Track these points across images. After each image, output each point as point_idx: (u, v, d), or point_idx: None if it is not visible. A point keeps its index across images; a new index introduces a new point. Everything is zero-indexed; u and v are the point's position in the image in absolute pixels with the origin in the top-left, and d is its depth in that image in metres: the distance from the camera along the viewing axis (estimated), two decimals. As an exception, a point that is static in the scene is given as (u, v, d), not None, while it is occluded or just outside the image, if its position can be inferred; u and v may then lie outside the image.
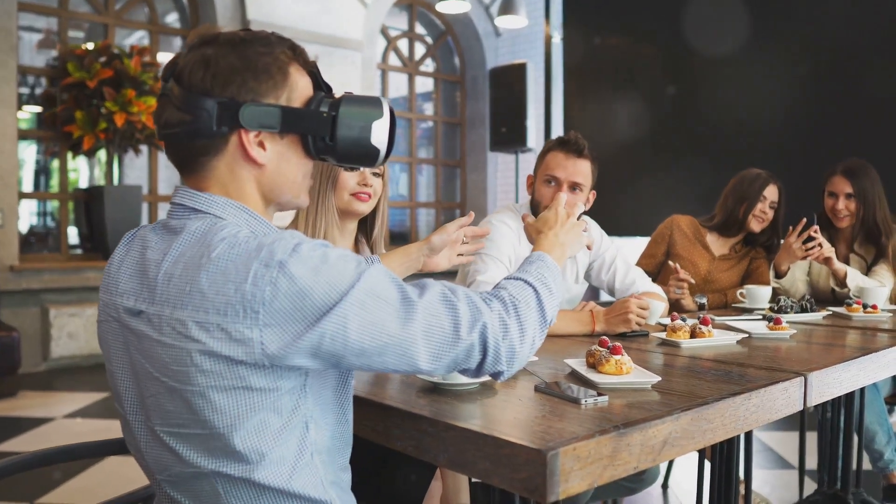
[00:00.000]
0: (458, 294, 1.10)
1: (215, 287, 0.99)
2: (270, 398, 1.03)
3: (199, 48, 1.10)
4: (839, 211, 2.97)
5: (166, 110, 1.10)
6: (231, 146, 1.10)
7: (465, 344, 1.07)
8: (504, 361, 1.11)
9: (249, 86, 1.09)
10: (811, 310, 2.49)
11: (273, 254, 0.98)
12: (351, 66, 7.32)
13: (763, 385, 1.41)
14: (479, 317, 1.08)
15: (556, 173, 2.35)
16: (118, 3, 6.51)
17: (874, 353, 1.79)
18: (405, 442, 1.22)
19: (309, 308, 0.98)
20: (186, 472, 1.07)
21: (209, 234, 1.04)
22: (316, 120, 1.14)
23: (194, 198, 1.11)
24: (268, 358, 0.99)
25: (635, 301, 2.04)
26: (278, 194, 1.16)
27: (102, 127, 5.74)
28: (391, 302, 1.03)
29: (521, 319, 1.14)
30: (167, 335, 1.02)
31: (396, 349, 1.03)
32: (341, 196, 1.96)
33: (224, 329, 0.98)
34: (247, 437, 1.03)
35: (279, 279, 0.97)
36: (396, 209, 9.07)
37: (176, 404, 1.04)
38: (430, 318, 1.05)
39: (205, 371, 1.00)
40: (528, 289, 1.20)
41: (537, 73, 7.19)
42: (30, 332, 5.66)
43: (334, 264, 1.01)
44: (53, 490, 3.22)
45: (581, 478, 1.03)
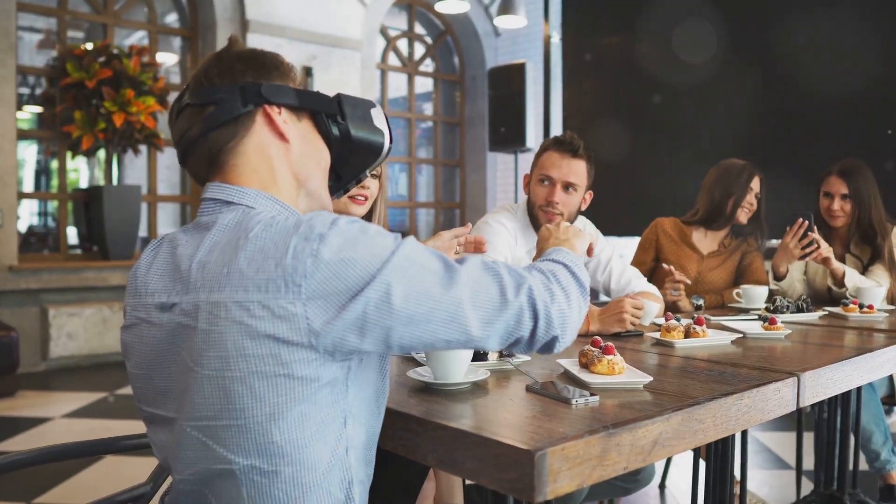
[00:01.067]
0: (498, 263, 1.11)
1: (255, 265, 0.99)
2: (311, 389, 1.01)
3: (209, 60, 1.19)
4: (834, 212, 2.97)
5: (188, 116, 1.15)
6: (257, 125, 1.15)
7: (514, 307, 1.07)
8: (556, 325, 1.11)
9: (262, 73, 1.17)
10: (807, 310, 2.48)
11: (312, 227, 1.00)
12: (350, 65, 7.33)
13: (755, 385, 1.41)
14: (524, 281, 1.09)
15: (551, 173, 2.35)
16: (117, 3, 6.51)
17: (868, 353, 1.79)
18: (395, 442, 1.22)
19: (352, 277, 0.98)
20: (214, 469, 1.04)
21: (245, 220, 1.06)
22: (325, 100, 1.23)
23: (225, 190, 1.13)
24: (314, 335, 0.98)
25: (630, 301, 2.04)
26: (307, 176, 1.20)
27: (101, 127, 5.74)
28: (433, 268, 1.04)
29: (563, 285, 1.15)
30: (204, 321, 1.00)
31: (444, 314, 1.02)
32: (338, 199, 1.96)
33: (266, 306, 0.97)
34: (285, 429, 1.01)
35: (320, 250, 0.98)
36: (396, 209, 9.07)
37: (209, 394, 1.01)
38: (474, 284, 1.05)
39: (246, 356, 0.98)
40: (559, 265, 1.23)
41: (536, 73, 7.18)
42: (29, 331, 5.67)
43: (373, 236, 1.02)
44: (51, 489, 3.22)
45: (570, 478, 1.03)
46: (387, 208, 2.12)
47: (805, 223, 2.77)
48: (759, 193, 3.01)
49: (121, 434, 1.46)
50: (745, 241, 3.09)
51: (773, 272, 2.96)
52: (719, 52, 5.01)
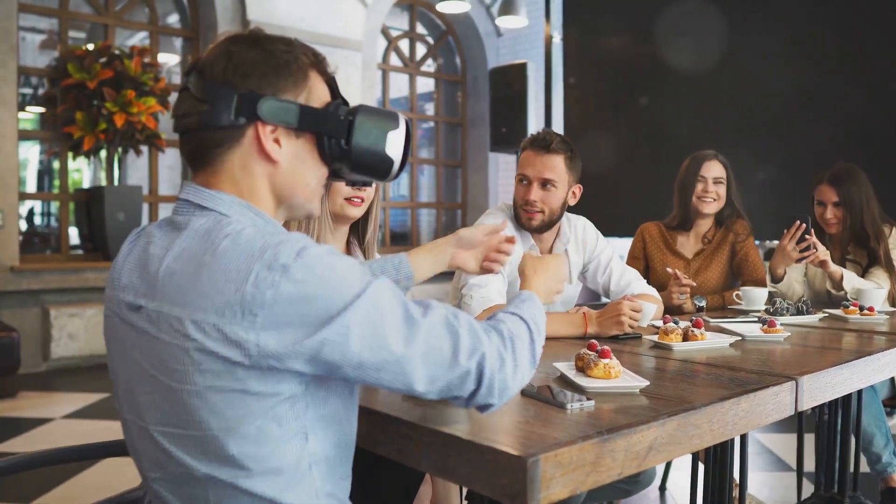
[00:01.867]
0: (460, 320, 1.08)
1: (216, 286, 0.97)
2: (268, 404, 1.01)
3: (223, 45, 1.12)
4: (828, 220, 2.96)
5: (185, 102, 1.10)
6: (246, 139, 1.10)
7: (461, 370, 1.05)
8: (496, 394, 1.08)
9: (269, 80, 1.09)
10: (807, 312, 2.47)
11: (277, 256, 0.97)
12: (351, 66, 7.32)
13: (753, 389, 1.40)
14: (479, 346, 1.06)
15: (526, 171, 2.35)
16: (118, 3, 6.51)
17: (867, 357, 1.78)
18: (388, 446, 1.21)
19: (311, 315, 0.97)
20: (178, 473, 1.06)
21: (213, 231, 1.03)
22: (333, 121, 1.14)
23: (200, 194, 1.10)
24: (264, 358, 0.97)
25: (628, 303, 2.03)
26: (290, 195, 1.15)
27: (102, 127, 5.75)
28: (395, 318, 1.01)
29: (516, 355, 1.12)
30: (165, 332, 1.01)
31: (395, 367, 1.01)
32: (335, 201, 1.96)
33: (220, 330, 0.97)
34: (242, 443, 1.01)
35: (282, 283, 0.96)
36: (398, 209, 9.07)
37: (172, 404, 1.02)
38: (431, 340, 1.03)
39: (203, 371, 0.99)
40: (524, 326, 1.19)
41: (538, 73, 7.17)
42: (30, 332, 5.67)
43: (341, 273, 0.99)
44: (51, 490, 3.22)
45: (563, 484, 1.02)
46: (379, 210, 2.11)
47: (802, 226, 2.75)
48: (719, 177, 2.96)
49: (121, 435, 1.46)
50: (730, 231, 3.02)
51: (771, 274, 2.94)
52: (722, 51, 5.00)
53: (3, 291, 5.57)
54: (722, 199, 2.98)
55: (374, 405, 1.26)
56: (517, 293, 1.34)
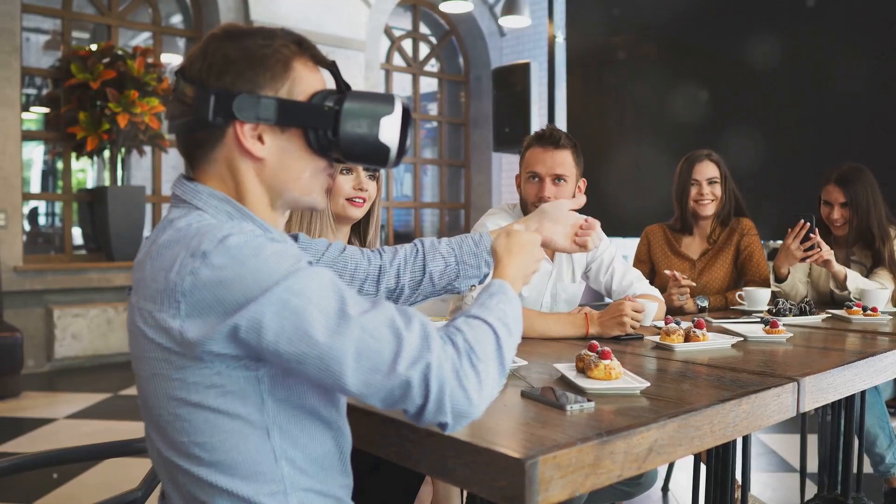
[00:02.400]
0: (412, 323, 1.00)
1: (152, 274, 1.01)
2: (211, 395, 1.00)
3: (204, 43, 1.10)
4: (834, 220, 2.94)
5: (173, 104, 1.11)
6: (228, 138, 1.08)
7: (399, 379, 0.96)
8: (448, 412, 0.99)
9: (245, 76, 1.06)
10: (810, 312, 2.46)
11: (200, 244, 0.98)
12: (354, 66, 7.32)
13: (754, 391, 1.39)
14: (426, 354, 0.97)
15: (537, 168, 2.33)
16: (122, 4, 6.52)
17: (870, 358, 1.77)
18: (387, 448, 1.20)
19: (227, 299, 0.96)
20: (158, 457, 1.09)
21: (170, 223, 1.06)
22: (316, 114, 1.09)
23: (182, 187, 1.11)
24: (187, 346, 0.98)
25: (629, 303, 2.02)
26: (282, 190, 1.12)
27: (105, 128, 5.76)
28: (322, 309, 0.96)
29: (475, 368, 1.01)
30: (129, 319, 1.07)
31: (318, 362, 0.96)
32: (336, 201, 1.96)
33: (153, 316, 1.00)
34: (191, 431, 1.02)
35: (200, 269, 0.96)
36: (401, 209, 9.07)
37: (140, 389, 1.08)
38: (367, 339, 0.96)
39: (148, 357, 1.02)
40: (488, 331, 1.07)
41: (541, 73, 7.16)
42: (33, 332, 5.68)
43: (266, 258, 0.97)
44: (53, 490, 3.22)
45: (562, 487, 1.02)
46: (381, 209, 2.11)
47: (807, 225, 2.74)
48: (714, 178, 2.95)
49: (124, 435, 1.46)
50: (735, 230, 3.01)
51: (775, 274, 2.93)
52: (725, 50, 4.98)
53: (7, 292, 5.57)
54: (719, 199, 2.97)
55: (374, 407, 1.25)
56: (486, 286, 1.19)
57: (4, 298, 5.54)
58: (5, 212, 5.60)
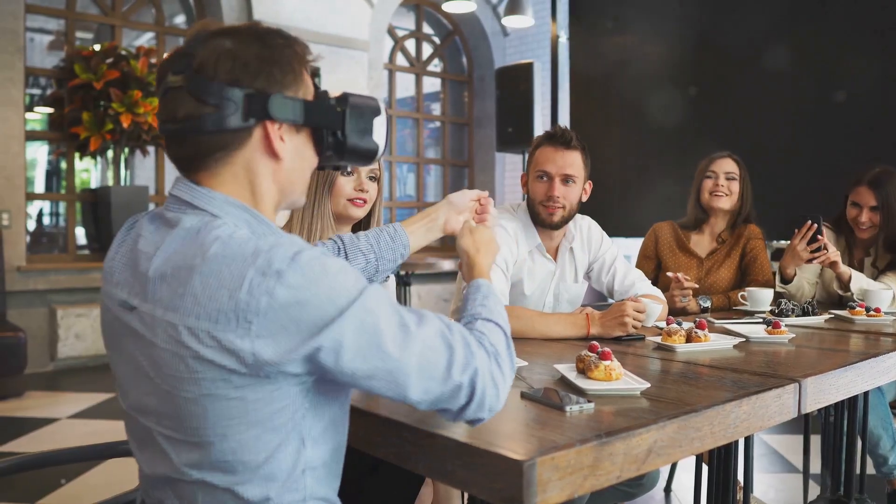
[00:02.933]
0: (454, 333, 1.06)
1: (208, 292, 0.95)
2: (266, 413, 1.00)
3: (217, 39, 1.06)
4: (862, 223, 2.89)
5: (183, 104, 1.04)
6: (255, 139, 1.07)
7: (454, 384, 1.03)
8: (486, 409, 1.06)
9: (276, 77, 1.07)
10: (813, 313, 2.45)
11: (271, 262, 0.95)
12: (357, 66, 7.32)
13: (755, 392, 1.39)
14: (473, 361, 1.05)
15: (547, 168, 2.33)
16: (125, 4, 6.52)
17: (872, 359, 1.76)
18: (387, 449, 1.20)
19: (306, 321, 0.95)
20: (172, 475, 1.05)
21: (203, 233, 1.00)
22: (331, 114, 1.14)
23: (193, 192, 1.07)
24: (260, 366, 0.96)
25: (631, 304, 2.01)
26: (290, 191, 1.14)
27: (109, 128, 5.76)
28: (390, 325, 1.00)
29: (502, 369, 1.10)
30: (160, 338, 0.99)
31: (388, 376, 1.00)
32: (338, 202, 1.96)
33: (215, 337, 0.95)
34: (238, 450, 1.01)
35: (276, 289, 0.93)
36: (404, 209, 9.07)
37: (168, 407, 1.01)
38: (426, 352, 1.02)
39: (199, 379, 0.97)
40: (500, 333, 1.16)
41: (544, 73, 7.16)
42: (37, 332, 5.69)
43: (335, 276, 0.97)
44: (55, 491, 3.23)
45: (560, 488, 1.01)
46: (382, 209, 2.11)
47: (814, 226, 2.72)
48: (732, 173, 2.94)
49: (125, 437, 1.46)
50: (743, 234, 3.00)
51: (781, 274, 2.92)
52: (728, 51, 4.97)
53: (11, 291, 5.58)
54: (735, 196, 2.95)
55: (374, 408, 1.25)
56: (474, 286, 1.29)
57: (8, 298, 5.55)
58: (9, 212, 5.61)
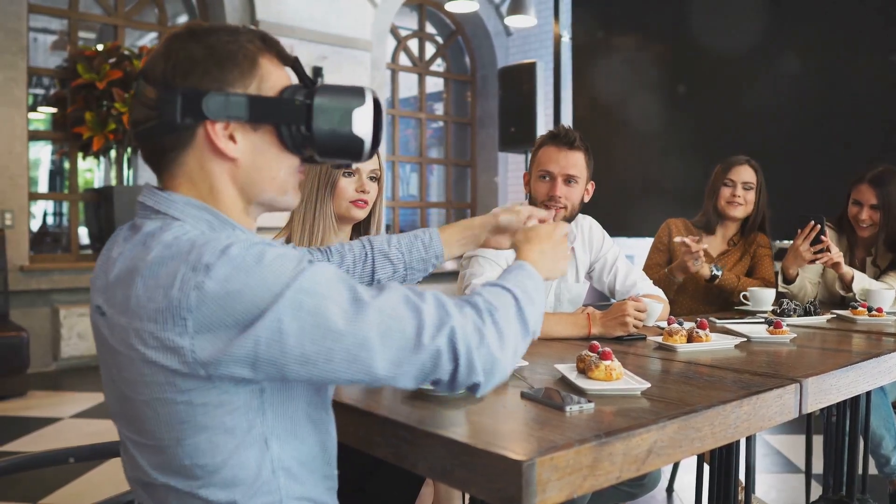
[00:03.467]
0: (424, 297, 1.01)
1: (148, 293, 0.95)
2: (216, 416, 0.98)
3: (165, 43, 1.06)
4: (862, 221, 2.91)
5: (136, 109, 1.06)
6: (198, 140, 1.04)
7: (429, 350, 0.98)
8: (480, 371, 1.01)
9: (213, 74, 1.03)
10: (815, 313, 2.45)
11: (201, 256, 0.94)
12: (360, 66, 7.32)
13: (756, 392, 1.38)
14: (447, 320, 0.99)
15: (550, 168, 2.32)
16: (128, 4, 6.53)
17: (874, 359, 1.76)
18: (385, 449, 1.20)
19: (239, 312, 0.92)
20: (144, 479, 1.06)
21: (152, 238, 1.00)
22: (288, 109, 1.06)
23: (155, 197, 1.06)
24: (202, 366, 0.94)
25: (632, 304, 2.01)
26: (258, 191, 1.09)
27: (112, 128, 5.77)
28: (337, 301, 0.95)
29: (498, 326, 1.04)
30: (117, 341, 0.99)
31: (345, 354, 0.94)
32: (340, 203, 1.96)
33: (157, 337, 0.94)
34: (193, 454, 1.00)
35: (205, 283, 0.92)
36: (407, 209, 9.07)
37: (129, 411, 1.02)
38: (387, 320, 0.96)
39: (147, 382, 0.97)
40: (506, 294, 1.10)
41: (547, 73, 7.16)
42: (40, 332, 5.70)
43: (269, 264, 0.94)
44: (59, 489, 3.23)
45: (559, 488, 1.01)
46: (383, 209, 2.11)
47: (817, 227, 2.72)
48: (749, 182, 2.94)
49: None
50: (753, 242, 3.02)
51: (783, 274, 2.91)
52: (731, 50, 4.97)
53: (13, 291, 5.59)
54: (750, 205, 2.96)
55: (373, 408, 1.25)
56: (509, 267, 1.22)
57: (11, 298, 5.56)
58: (12, 212, 5.61)
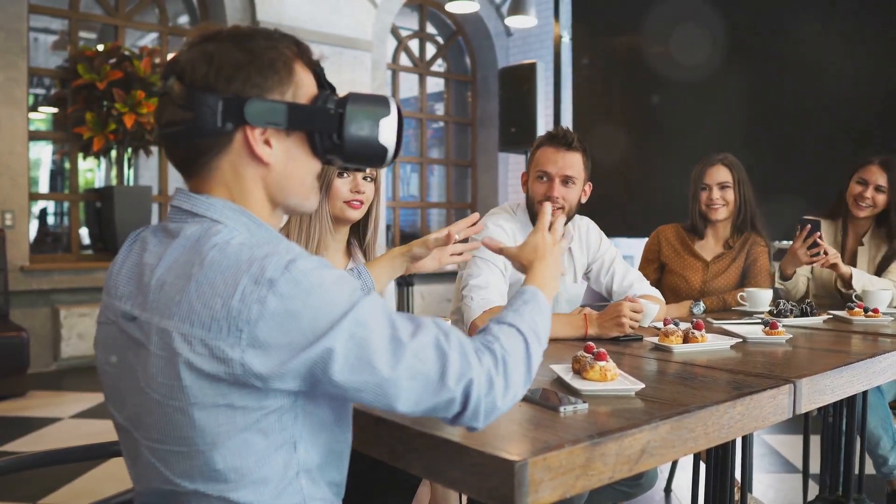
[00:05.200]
0: (451, 341, 1.03)
1: (203, 299, 0.95)
2: (254, 417, 1.00)
3: (201, 44, 1.06)
4: (864, 199, 2.95)
5: (167, 109, 1.06)
6: (236, 144, 1.06)
7: (447, 395, 1.01)
8: (481, 418, 1.04)
9: (254, 81, 1.05)
10: (811, 313, 2.45)
11: (264, 270, 0.94)
12: (361, 66, 7.33)
13: (749, 392, 1.39)
14: (468, 371, 1.02)
15: (548, 168, 2.33)
16: (129, 4, 6.54)
17: (868, 359, 1.76)
18: (381, 449, 1.21)
19: (296, 333, 0.94)
20: (164, 489, 1.05)
21: (202, 241, 1.00)
22: (323, 117, 1.09)
23: (192, 200, 1.07)
24: (249, 377, 0.96)
25: (628, 304, 2.02)
26: (286, 196, 1.12)
27: (112, 128, 5.78)
28: (381, 337, 0.98)
29: (507, 377, 1.06)
30: (154, 344, 0.99)
31: (377, 389, 0.98)
32: (335, 204, 1.96)
33: (206, 344, 0.95)
34: (228, 457, 1.00)
35: (268, 298, 0.93)
36: (407, 209, 9.08)
37: (157, 418, 1.01)
38: (417, 364, 0.99)
39: (187, 387, 0.97)
40: (520, 340, 1.12)
41: (547, 73, 7.16)
42: (40, 332, 5.71)
43: (328, 289, 0.96)
44: (58, 489, 3.24)
45: (552, 488, 1.02)
46: (380, 210, 2.11)
47: (817, 233, 2.73)
48: (725, 182, 2.91)
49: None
50: (750, 238, 3.00)
51: (781, 272, 2.94)
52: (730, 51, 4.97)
53: (14, 291, 5.60)
54: (731, 204, 2.94)
55: (368, 408, 1.26)
56: (519, 292, 1.26)
57: (11, 298, 5.57)
58: (12, 211, 5.63)
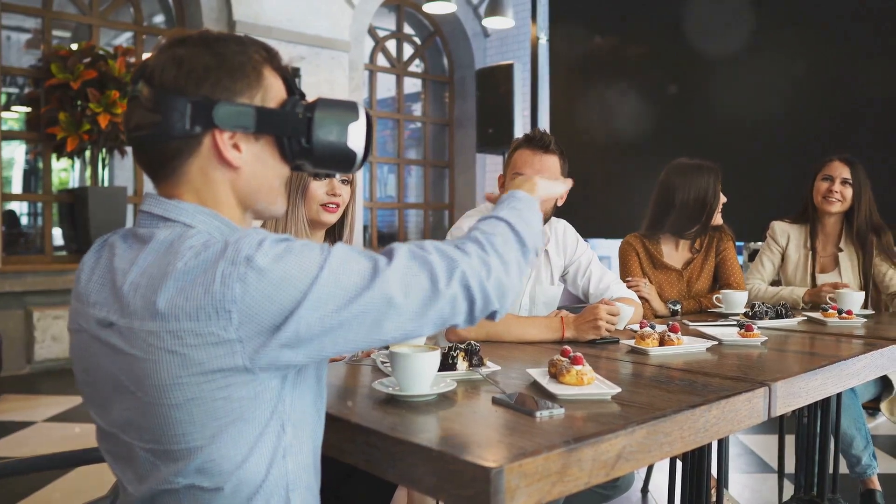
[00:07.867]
0: (426, 247, 1.07)
1: (184, 293, 0.96)
2: (250, 407, 1.01)
3: (171, 48, 1.07)
4: (833, 193, 2.99)
5: (136, 113, 1.07)
6: (204, 148, 1.07)
7: (447, 297, 1.04)
8: (495, 299, 1.08)
9: (223, 84, 1.06)
10: (786, 315, 2.47)
11: (239, 250, 0.96)
12: (338, 67, 7.30)
13: (725, 396, 1.40)
14: (455, 265, 1.05)
15: (524, 171, 2.32)
16: (103, 4, 6.47)
17: (842, 362, 1.78)
18: (356, 456, 1.20)
19: (282, 298, 0.96)
20: (160, 488, 1.04)
21: (177, 244, 1.01)
22: (291, 121, 1.11)
23: (162, 205, 1.08)
24: (249, 358, 0.97)
25: (604, 307, 2.02)
26: (255, 199, 1.13)
27: (86, 128, 5.70)
28: (361, 272, 1.00)
29: (500, 253, 1.11)
30: (139, 348, 0.98)
31: (375, 314, 1.00)
32: (311, 207, 1.95)
33: (199, 334, 0.95)
34: (225, 448, 1.01)
35: (248, 274, 0.95)
36: (385, 210, 9.06)
37: (150, 420, 1.01)
38: (403, 277, 1.02)
39: (182, 384, 0.97)
40: (501, 223, 1.17)
41: (525, 74, 7.18)
42: (13, 334, 5.62)
43: (299, 251, 0.99)
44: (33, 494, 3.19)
45: (528, 495, 1.02)
46: (355, 212, 2.11)
47: None
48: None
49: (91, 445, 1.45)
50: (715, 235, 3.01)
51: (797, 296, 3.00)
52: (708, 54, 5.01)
53: (-14, 293, 5.53)
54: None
55: (345, 415, 1.25)
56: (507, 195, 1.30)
57: (-17, 300, 5.50)
58: (-16, 213, 5.55)
